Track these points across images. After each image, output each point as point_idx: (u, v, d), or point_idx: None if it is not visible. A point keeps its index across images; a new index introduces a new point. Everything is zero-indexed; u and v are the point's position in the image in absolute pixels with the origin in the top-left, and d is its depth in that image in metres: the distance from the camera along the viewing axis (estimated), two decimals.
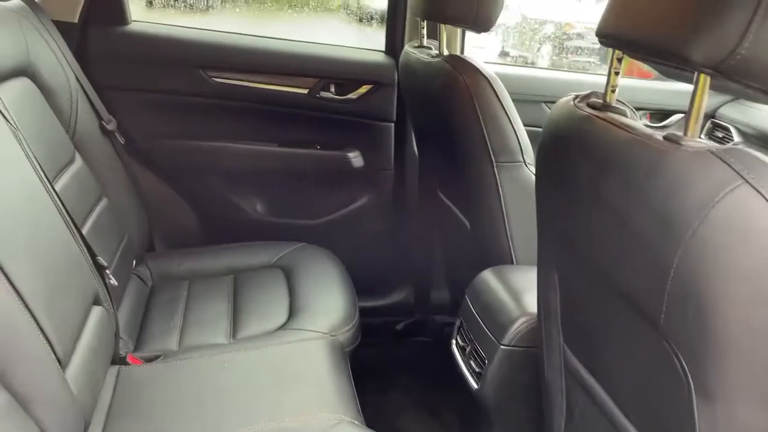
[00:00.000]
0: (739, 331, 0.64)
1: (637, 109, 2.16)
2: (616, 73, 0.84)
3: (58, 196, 1.20)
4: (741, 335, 0.64)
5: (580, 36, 3.61)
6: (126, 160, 1.77)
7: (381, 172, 2.05)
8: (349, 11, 3.57)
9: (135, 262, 1.70)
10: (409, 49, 1.70)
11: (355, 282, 1.72)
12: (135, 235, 1.72)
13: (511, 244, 1.43)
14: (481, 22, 1.38)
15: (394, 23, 1.96)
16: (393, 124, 2.00)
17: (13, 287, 0.93)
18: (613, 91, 0.85)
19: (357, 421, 1.18)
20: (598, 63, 3.46)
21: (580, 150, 0.83)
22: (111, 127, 1.70)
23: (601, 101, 0.86)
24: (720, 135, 1.98)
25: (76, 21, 1.75)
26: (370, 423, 1.22)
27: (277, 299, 1.57)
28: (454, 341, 1.38)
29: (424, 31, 1.69)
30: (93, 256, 1.26)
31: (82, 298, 1.18)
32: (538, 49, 3.62)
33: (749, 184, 0.60)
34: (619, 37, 0.79)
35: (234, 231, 2.01)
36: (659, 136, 0.72)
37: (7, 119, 1.12)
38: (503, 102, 1.40)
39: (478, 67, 1.42)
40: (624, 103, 0.86)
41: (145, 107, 1.88)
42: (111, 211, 1.57)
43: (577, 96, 0.90)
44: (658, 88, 2.12)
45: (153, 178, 1.94)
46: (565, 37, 3.59)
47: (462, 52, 1.94)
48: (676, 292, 0.68)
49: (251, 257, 1.77)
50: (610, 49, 0.84)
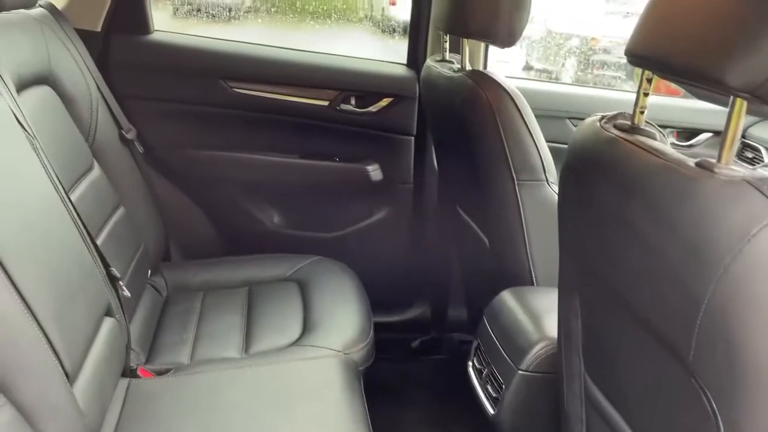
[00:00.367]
0: None
1: (664, 127, 2.13)
2: (645, 95, 0.80)
3: (73, 205, 1.19)
4: None
5: (605, 51, 3.57)
6: (144, 169, 1.76)
7: (400, 186, 2.02)
8: (372, 22, 3.57)
9: (150, 271, 1.69)
10: (431, 62, 1.67)
11: (371, 297, 1.69)
12: (151, 244, 1.72)
13: (531, 265, 1.39)
14: (505, 37, 1.36)
15: (417, 36, 1.94)
16: (413, 138, 1.97)
17: (22, 299, 0.92)
18: (641, 112, 0.81)
19: None
20: (624, 78, 3.41)
21: (606, 173, 0.80)
22: (130, 136, 1.70)
23: (628, 123, 0.82)
24: (750, 155, 1.92)
25: (99, 30, 1.76)
26: None
27: (291, 314, 1.55)
28: (470, 363, 1.34)
29: (447, 45, 1.67)
30: (106, 266, 1.25)
31: (94, 309, 1.17)
32: (563, 64, 3.58)
33: None
34: (649, 57, 0.76)
35: (250, 242, 2.00)
36: (691, 162, 0.68)
37: (24, 128, 1.11)
38: (526, 119, 1.37)
39: (501, 83, 1.39)
40: (653, 125, 0.82)
41: (166, 116, 1.88)
42: (128, 221, 1.57)
43: (603, 116, 0.87)
44: (686, 106, 2.07)
45: (171, 187, 1.94)
46: (590, 51, 3.54)
47: (485, 67, 1.92)
48: (707, 328, 0.64)
49: (266, 270, 1.76)
50: (639, 69, 0.81)
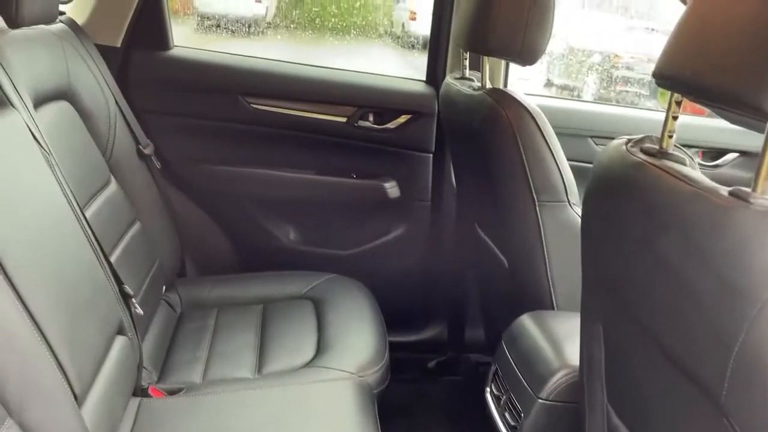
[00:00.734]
0: None
1: (689, 146, 2.08)
2: (674, 118, 0.77)
3: (87, 222, 1.18)
4: None
5: (628, 67, 3.53)
6: (161, 184, 1.76)
7: (417, 203, 1.99)
8: (393, 37, 3.57)
9: (165, 287, 1.68)
10: (450, 80, 1.65)
11: (387, 315, 1.66)
12: (167, 260, 1.71)
13: (551, 288, 1.35)
14: (527, 55, 1.33)
15: (436, 53, 1.93)
16: (431, 155, 1.95)
17: (32, 318, 0.91)
18: (670, 136, 0.78)
19: None
20: (647, 95, 3.37)
21: (633, 200, 0.76)
22: (148, 151, 1.70)
23: (656, 147, 0.79)
24: None
25: (119, 45, 1.77)
26: None
27: (305, 333, 1.52)
28: (488, 389, 1.30)
29: (467, 62, 1.65)
30: (119, 283, 1.24)
31: (105, 328, 1.15)
32: (584, 80, 3.55)
33: None
34: (679, 79, 0.73)
35: (266, 259, 1.99)
36: (724, 190, 0.65)
37: (40, 144, 1.11)
38: (547, 138, 1.34)
39: (522, 102, 1.36)
40: (683, 149, 0.79)
41: (183, 132, 1.88)
42: (143, 236, 1.56)
43: (630, 140, 0.84)
44: (712, 125, 2.02)
45: (187, 202, 1.93)
46: (613, 68, 3.51)
47: (506, 84, 1.89)
48: (742, 368, 0.60)
49: (281, 287, 1.74)
50: (666, 90, 0.78)
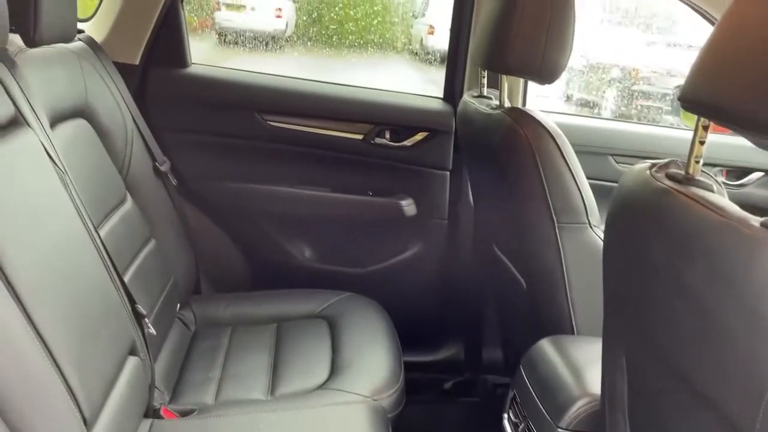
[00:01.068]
0: None
1: (713, 165, 2.03)
2: (701, 143, 0.74)
3: (101, 240, 1.18)
4: None
5: (648, 82, 3.49)
6: (177, 201, 1.76)
7: (434, 222, 1.97)
8: (411, 52, 3.57)
9: (180, 305, 1.67)
10: (468, 98, 1.63)
11: (403, 335, 1.64)
12: (181, 277, 1.70)
13: (571, 312, 1.32)
14: (546, 74, 1.31)
15: (454, 70, 1.91)
16: (448, 173, 1.93)
17: (41, 339, 0.90)
18: (697, 161, 0.75)
19: None
20: (668, 110, 3.32)
21: (658, 228, 0.73)
22: (164, 168, 1.70)
23: (682, 172, 0.76)
24: None
25: (137, 63, 1.78)
26: None
27: (319, 354, 1.50)
28: (506, 415, 1.27)
29: (485, 80, 1.63)
30: (132, 303, 1.23)
31: (117, 348, 1.14)
32: (603, 95, 3.52)
33: None
34: (706, 103, 0.70)
35: (281, 276, 1.97)
36: (755, 221, 0.62)
37: (55, 162, 1.11)
38: (567, 158, 1.31)
39: (541, 121, 1.34)
40: (710, 175, 0.76)
41: (200, 149, 1.88)
42: (158, 254, 1.56)
43: (654, 164, 0.81)
44: (735, 144, 1.97)
45: (203, 219, 1.93)
46: (632, 82, 3.47)
47: (524, 103, 1.87)
48: None
49: (296, 305, 1.72)
50: (689, 113, 0.75)
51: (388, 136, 1.91)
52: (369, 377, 1.40)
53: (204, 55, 1.94)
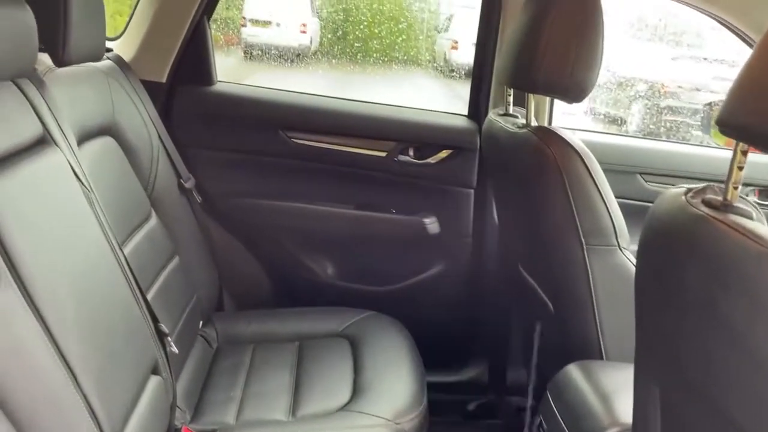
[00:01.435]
0: None
1: (744, 185, 1.97)
2: (740, 168, 0.71)
3: (126, 259, 1.18)
4: None
5: (674, 96, 3.44)
6: (201, 218, 1.76)
7: (458, 240, 1.95)
8: (435, 67, 3.56)
9: (202, 322, 1.67)
10: (493, 116, 1.61)
11: (426, 355, 1.61)
12: (204, 294, 1.70)
13: (600, 336, 1.28)
14: (574, 92, 1.29)
15: (479, 87, 1.90)
16: (473, 191, 1.91)
17: (63, 358, 0.89)
18: (735, 187, 0.72)
19: None
20: (695, 125, 3.27)
21: (694, 256, 0.71)
22: (189, 185, 1.71)
23: (720, 198, 0.73)
24: None
25: (164, 81, 1.79)
26: None
27: (341, 374, 1.48)
28: None
29: (510, 98, 1.61)
30: (155, 322, 1.23)
31: (139, 367, 1.14)
32: (629, 110, 3.47)
33: None
34: (745, 128, 0.67)
35: (304, 293, 1.96)
36: None
37: (81, 181, 1.11)
38: (596, 179, 1.28)
39: (569, 140, 1.31)
40: (748, 201, 0.73)
41: (224, 166, 1.88)
42: (182, 270, 1.56)
43: (690, 189, 0.78)
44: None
45: (226, 236, 1.93)
46: (658, 97, 3.43)
47: (550, 121, 1.85)
48: None
49: (318, 324, 1.71)
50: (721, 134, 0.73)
51: (411, 153, 1.90)
52: (391, 399, 1.37)
53: (230, 71, 1.95)
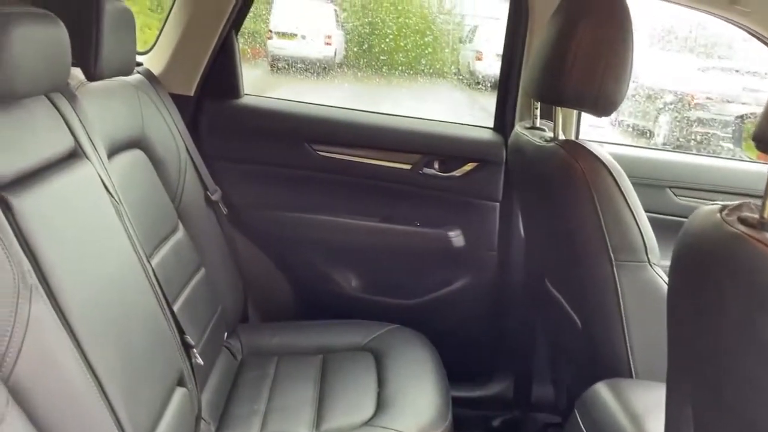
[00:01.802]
0: None
1: None
2: None
3: (153, 271, 1.19)
4: None
5: (702, 107, 3.39)
6: (227, 229, 1.77)
7: (483, 253, 1.93)
8: (459, 77, 3.56)
9: (227, 333, 1.68)
10: (520, 129, 1.60)
11: (450, 369, 1.60)
12: (229, 305, 1.71)
13: (629, 354, 1.26)
14: (603, 106, 1.27)
15: (505, 100, 1.89)
16: (498, 204, 1.89)
17: (92, 370, 0.90)
18: None
19: None
20: (725, 137, 3.21)
21: (731, 276, 0.69)
22: (215, 197, 1.72)
23: (756, 216, 0.71)
24: None
25: (192, 94, 1.81)
26: None
27: (365, 388, 1.47)
28: None
29: (538, 111, 1.60)
30: (181, 334, 1.23)
31: (165, 379, 1.14)
32: (656, 121, 3.43)
33: None
34: None
35: (327, 306, 1.96)
36: None
37: (111, 194, 1.13)
38: (625, 193, 1.26)
39: (597, 154, 1.29)
40: None
41: (250, 178, 1.90)
42: (207, 282, 1.57)
43: (724, 207, 0.76)
44: None
45: (251, 248, 1.94)
46: (686, 108, 3.38)
47: (577, 134, 1.83)
48: None
49: (342, 337, 1.70)
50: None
51: (436, 166, 1.89)
52: (416, 415, 1.36)
53: (257, 82, 1.97)
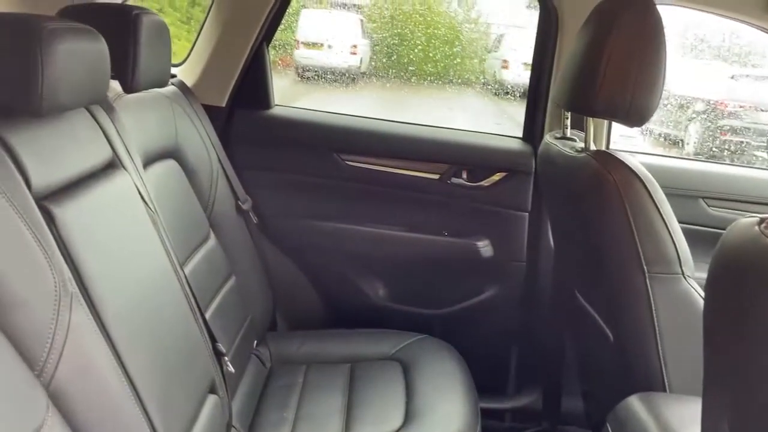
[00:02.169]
0: None
1: None
2: None
3: (187, 279, 1.21)
4: None
5: (734, 116, 3.34)
6: (257, 238, 1.79)
7: (512, 264, 1.92)
8: (485, 86, 3.55)
9: (256, 341, 1.69)
10: (550, 139, 1.59)
11: (478, 380, 1.59)
12: (259, 314, 1.72)
13: (663, 367, 1.24)
14: (635, 117, 1.25)
15: (535, 109, 1.88)
16: (527, 214, 1.88)
17: (129, 378, 0.92)
18: None
19: None
20: (758, 145, 3.15)
21: None
22: (246, 206, 1.74)
23: None
24: None
25: (224, 105, 1.84)
26: None
27: (393, 398, 1.47)
28: None
29: (568, 121, 1.59)
30: (213, 341, 1.25)
31: (198, 387, 1.16)
32: (686, 130, 3.38)
33: None
34: None
35: (355, 315, 1.97)
36: None
37: (146, 203, 1.15)
38: (658, 204, 1.24)
39: (630, 165, 1.28)
40: None
41: (280, 187, 1.92)
42: (238, 291, 1.58)
43: (762, 220, 0.75)
44: None
45: (281, 256, 1.96)
46: (717, 116, 3.33)
47: (608, 144, 1.81)
48: None
49: (370, 346, 1.71)
50: None
51: (465, 176, 1.89)
52: (444, 426, 1.36)
53: (285, 91, 1.99)
